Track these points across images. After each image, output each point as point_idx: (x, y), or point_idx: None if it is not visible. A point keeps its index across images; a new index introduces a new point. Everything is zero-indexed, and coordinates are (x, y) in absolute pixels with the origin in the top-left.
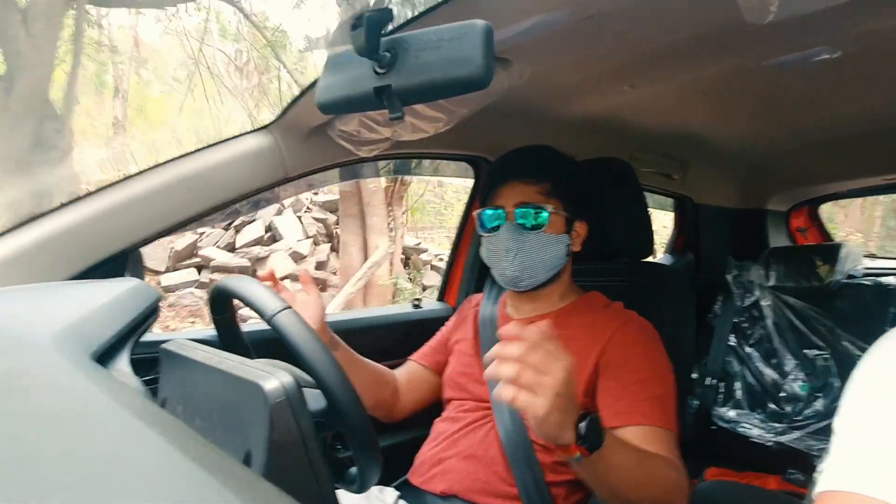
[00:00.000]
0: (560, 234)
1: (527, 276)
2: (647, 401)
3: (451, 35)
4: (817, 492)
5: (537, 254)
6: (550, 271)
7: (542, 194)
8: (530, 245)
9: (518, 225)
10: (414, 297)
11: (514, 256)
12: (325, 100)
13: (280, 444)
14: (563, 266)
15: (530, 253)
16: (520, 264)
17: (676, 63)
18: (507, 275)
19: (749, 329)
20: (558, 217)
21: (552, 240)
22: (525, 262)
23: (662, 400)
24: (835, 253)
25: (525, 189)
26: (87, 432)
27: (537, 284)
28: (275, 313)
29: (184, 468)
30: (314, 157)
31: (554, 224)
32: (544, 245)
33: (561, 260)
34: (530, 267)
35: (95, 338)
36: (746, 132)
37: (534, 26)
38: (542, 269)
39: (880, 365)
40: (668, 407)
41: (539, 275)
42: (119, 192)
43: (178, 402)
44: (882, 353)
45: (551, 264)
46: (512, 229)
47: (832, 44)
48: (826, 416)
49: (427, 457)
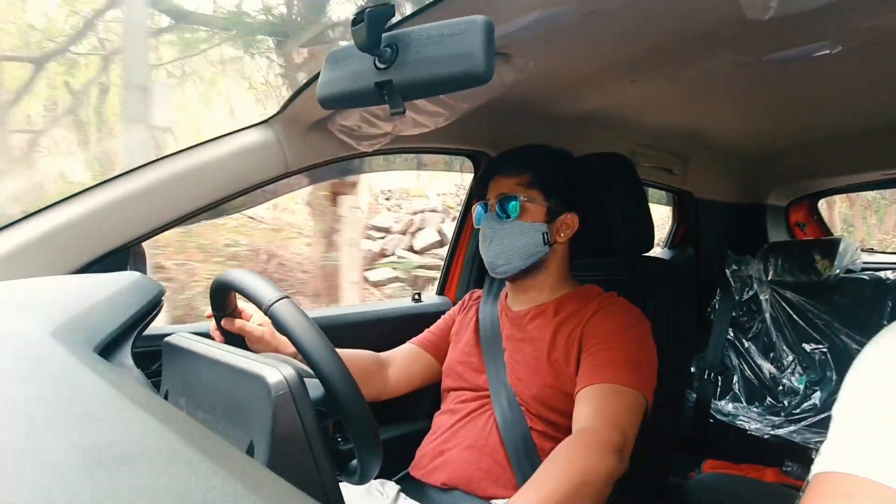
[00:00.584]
0: (537, 222)
1: (501, 261)
2: (614, 363)
3: (453, 30)
4: (813, 473)
5: (510, 240)
6: (527, 259)
7: (521, 185)
8: (504, 233)
9: (497, 214)
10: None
11: (489, 244)
12: (325, 94)
13: (283, 437)
14: (543, 255)
15: (504, 239)
16: (494, 250)
17: (677, 58)
18: (486, 262)
19: (747, 323)
20: (535, 206)
21: (526, 227)
22: (499, 248)
23: (632, 363)
24: (833, 248)
25: (506, 182)
26: (92, 423)
27: (516, 271)
28: (272, 303)
29: (190, 458)
30: (315, 151)
31: (530, 213)
32: (518, 232)
33: (537, 248)
34: (503, 253)
35: (98, 331)
36: (747, 127)
37: (535, 22)
38: (517, 255)
39: (881, 355)
40: (640, 371)
41: (514, 261)
42: (121, 187)
43: (181, 394)
44: (884, 344)
45: (526, 251)
46: (491, 219)
47: (833, 39)
48: (823, 409)
49: (428, 450)
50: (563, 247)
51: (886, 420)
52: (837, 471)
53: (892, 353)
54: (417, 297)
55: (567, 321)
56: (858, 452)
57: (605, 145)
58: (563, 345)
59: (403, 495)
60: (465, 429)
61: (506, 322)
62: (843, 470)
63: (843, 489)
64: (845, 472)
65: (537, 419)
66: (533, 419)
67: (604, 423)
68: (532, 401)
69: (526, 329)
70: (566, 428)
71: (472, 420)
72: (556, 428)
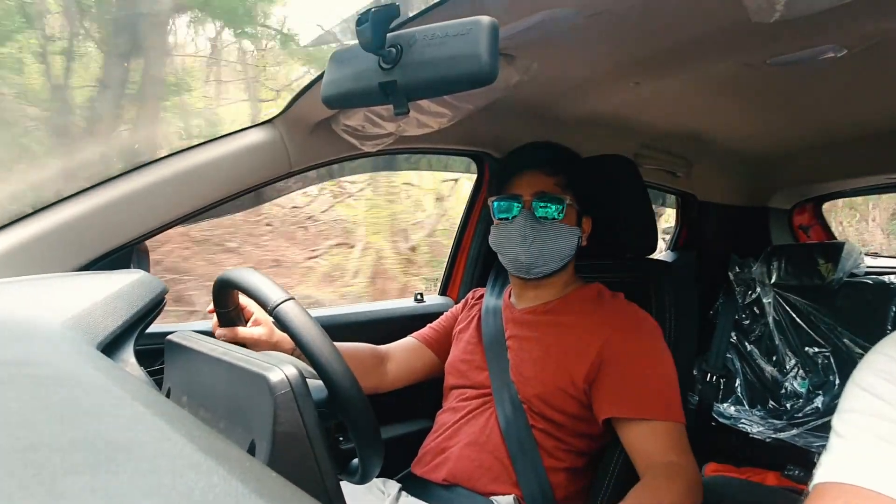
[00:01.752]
0: (573, 226)
1: (540, 263)
2: (650, 394)
3: (457, 31)
4: (814, 483)
5: (552, 243)
6: (561, 261)
7: (559, 186)
8: (547, 234)
9: (533, 213)
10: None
11: (530, 244)
12: (330, 94)
13: (284, 436)
14: (572, 257)
15: (546, 242)
16: (536, 252)
17: (682, 61)
18: (520, 261)
19: (750, 326)
20: (572, 210)
21: (567, 231)
22: (540, 250)
23: (667, 392)
24: (837, 251)
25: (544, 180)
26: (93, 420)
27: (548, 273)
28: (277, 304)
29: (190, 456)
30: (318, 150)
31: (568, 216)
32: (560, 235)
33: (572, 251)
34: (544, 255)
35: (101, 328)
36: (751, 130)
37: (540, 23)
38: (554, 258)
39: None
40: (673, 399)
41: (550, 263)
42: (125, 184)
43: (183, 392)
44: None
45: (563, 254)
46: (529, 217)
47: (838, 43)
48: (825, 413)
49: (430, 447)
50: None
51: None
52: (838, 481)
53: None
54: (420, 298)
55: (578, 322)
56: (859, 463)
57: (608, 147)
58: (575, 346)
59: (405, 493)
60: (466, 426)
61: (509, 320)
62: (844, 481)
63: (843, 499)
64: (846, 482)
65: (539, 417)
66: (535, 417)
67: (688, 461)
68: (535, 399)
69: (532, 327)
70: (567, 427)
71: (474, 417)
72: (557, 427)
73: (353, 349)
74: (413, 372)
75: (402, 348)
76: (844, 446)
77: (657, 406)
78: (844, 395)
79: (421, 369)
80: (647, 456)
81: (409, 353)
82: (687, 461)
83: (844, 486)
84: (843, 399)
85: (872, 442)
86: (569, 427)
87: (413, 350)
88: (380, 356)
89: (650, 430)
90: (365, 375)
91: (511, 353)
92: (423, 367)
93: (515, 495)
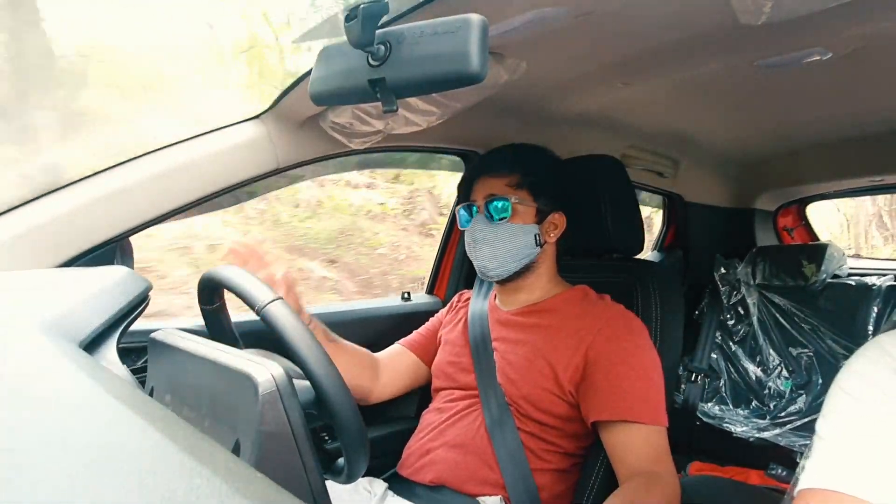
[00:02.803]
0: (528, 224)
1: (494, 265)
2: (635, 397)
3: (446, 29)
4: (798, 489)
5: (504, 244)
6: (520, 261)
7: (510, 186)
8: (497, 235)
9: (486, 217)
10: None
11: (481, 247)
12: (318, 91)
13: (270, 436)
14: (535, 256)
15: (497, 243)
16: (488, 254)
17: (670, 62)
18: (478, 265)
19: (735, 326)
20: (526, 207)
21: (518, 230)
22: (492, 251)
23: (652, 396)
24: (820, 253)
25: (493, 182)
26: (75, 420)
27: (509, 274)
28: (265, 304)
29: (173, 456)
30: (306, 147)
31: (521, 214)
32: (511, 234)
33: (530, 249)
34: (497, 256)
35: (83, 326)
36: (737, 132)
37: (529, 22)
38: (510, 258)
39: (863, 371)
40: (658, 402)
41: (508, 264)
42: (109, 180)
43: (167, 391)
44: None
45: (519, 254)
46: (480, 221)
47: (823, 46)
48: (808, 413)
49: (415, 448)
50: (552, 247)
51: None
52: (822, 487)
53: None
54: (407, 296)
55: (566, 325)
56: (842, 469)
57: (596, 147)
58: (561, 348)
59: (391, 493)
60: (452, 427)
61: (496, 323)
62: (828, 487)
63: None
64: (830, 488)
65: (526, 419)
66: (521, 419)
67: (668, 469)
68: (521, 401)
69: (518, 329)
70: (554, 428)
71: (460, 419)
72: (543, 428)
73: (355, 348)
74: (401, 379)
75: (389, 355)
76: (828, 451)
77: (642, 409)
78: (828, 398)
79: (409, 375)
80: (628, 464)
81: (395, 359)
82: (667, 469)
83: (828, 493)
84: (826, 402)
85: (855, 447)
86: (555, 428)
87: (400, 356)
88: (375, 361)
89: (633, 434)
90: (360, 375)
91: (498, 355)
92: (413, 374)
93: (502, 496)
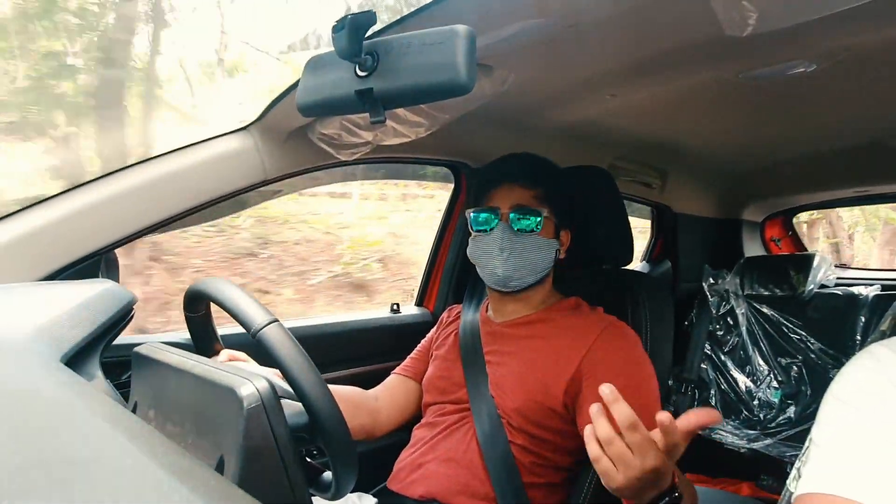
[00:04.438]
0: (550, 238)
1: (517, 276)
2: (633, 407)
3: (434, 39)
4: (797, 495)
5: (529, 256)
6: (539, 274)
7: (537, 199)
8: (524, 247)
9: (510, 226)
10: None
11: (507, 256)
12: (305, 102)
13: (254, 451)
14: (549, 270)
15: (523, 254)
16: (513, 265)
17: (657, 73)
18: (497, 274)
19: (724, 337)
20: (550, 223)
21: (544, 244)
22: (518, 262)
23: (648, 406)
24: (807, 263)
25: (521, 192)
26: (51, 438)
27: (525, 286)
28: (261, 327)
29: (152, 474)
30: (294, 159)
31: (546, 229)
32: (537, 248)
33: (549, 264)
34: (522, 268)
35: (66, 340)
36: (724, 143)
37: (517, 33)
38: (532, 271)
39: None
40: (654, 412)
41: (528, 276)
42: (94, 191)
43: (150, 406)
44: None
45: (540, 267)
46: (506, 230)
47: (808, 58)
48: (797, 423)
49: (406, 462)
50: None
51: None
52: (819, 492)
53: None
54: (396, 308)
55: (558, 336)
56: (840, 474)
57: (585, 158)
58: (555, 360)
59: None
60: (444, 442)
61: (488, 334)
62: (825, 491)
63: None
64: (827, 493)
65: (518, 432)
66: (513, 432)
67: None
68: (514, 414)
69: (511, 341)
70: (546, 442)
71: (452, 433)
72: (536, 442)
73: (341, 390)
74: (406, 409)
75: (388, 388)
76: (825, 456)
77: None
78: (822, 406)
79: (414, 402)
80: None
81: (396, 391)
82: None
83: (826, 497)
84: (820, 410)
85: (852, 452)
86: (548, 442)
87: (400, 387)
88: (370, 396)
89: None
90: (356, 415)
91: (490, 368)
92: (416, 400)
93: None
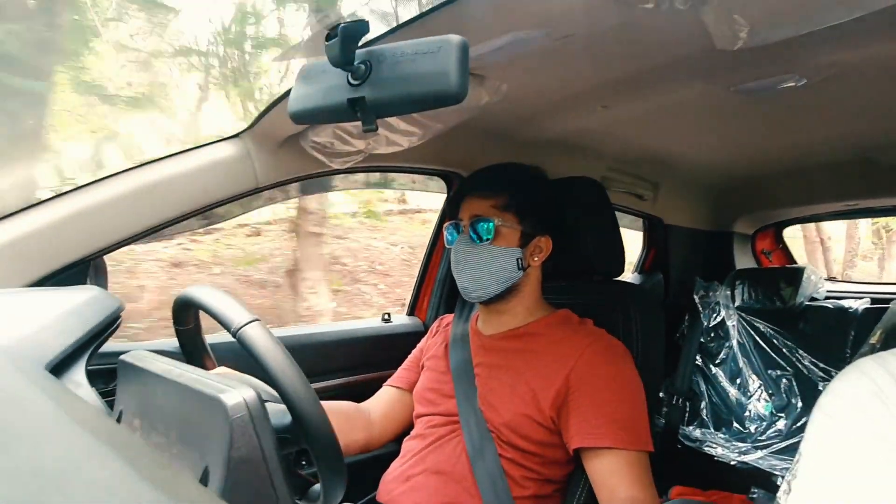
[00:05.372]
0: (511, 247)
1: (475, 287)
2: (619, 422)
3: (427, 49)
4: None
5: (484, 266)
6: (501, 284)
7: (496, 208)
8: (478, 257)
9: (470, 237)
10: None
11: (462, 269)
12: (297, 110)
13: (240, 461)
14: (517, 279)
15: (477, 265)
16: (468, 276)
17: (649, 86)
18: (460, 286)
19: (715, 349)
20: (510, 230)
21: (500, 252)
22: (473, 273)
23: (635, 420)
24: (798, 276)
25: (480, 203)
26: (31, 448)
27: (490, 296)
28: (241, 326)
29: (134, 486)
30: (286, 167)
31: (505, 237)
32: (492, 257)
33: (512, 273)
34: (479, 279)
35: (51, 348)
36: (715, 155)
37: (510, 44)
38: (491, 280)
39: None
40: (642, 427)
41: (488, 286)
42: (83, 197)
43: (135, 415)
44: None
45: (500, 277)
46: (464, 241)
47: (798, 72)
48: (788, 436)
49: (395, 475)
50: (536, 270)
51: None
52: None
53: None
54: (387, 318)
55: (548, 350)
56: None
57: (576, 169)
58: (543, 373)
59: None
60: (433, 454)
61: (477, 347)
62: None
63: None
64: None
65: (507, 446)
66: (503, 446)
67: (651, 495)
68: (503, 427)
69: (500, 354)
70: (535, 455)
71: (441, 446)
72: (525, 455)
73: (333, 405)
74: (399, 420)
75: (380, 401)
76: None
77: (626, 436)
78: (810, 421)
79: (406, 416)
80: (611, 490)
81: (388, 404)
82: (650, 495)
83: None
84: (809, 424)
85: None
86: (537, 455)
87: (392, 399)
88: (363, 410)
89: (617, 461)
90: (351, 430)
91: (479, 381)
92: (408, 412)
93: None
